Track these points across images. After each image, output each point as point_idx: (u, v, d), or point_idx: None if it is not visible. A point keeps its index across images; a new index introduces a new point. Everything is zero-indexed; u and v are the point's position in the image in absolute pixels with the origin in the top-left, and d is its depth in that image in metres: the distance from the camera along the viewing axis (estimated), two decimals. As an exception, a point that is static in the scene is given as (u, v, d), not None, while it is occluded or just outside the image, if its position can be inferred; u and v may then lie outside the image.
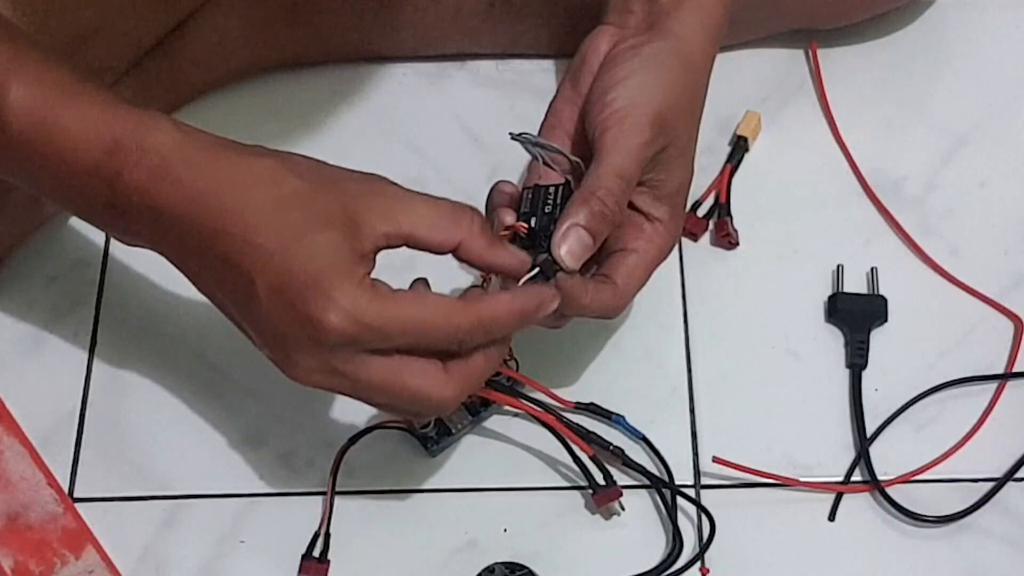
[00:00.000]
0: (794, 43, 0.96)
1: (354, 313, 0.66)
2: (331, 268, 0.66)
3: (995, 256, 0.88)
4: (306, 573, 0.78)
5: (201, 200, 0.66)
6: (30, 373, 0.85)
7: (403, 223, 0.68)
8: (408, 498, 0.81)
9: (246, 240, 0.66)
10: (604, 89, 0.75)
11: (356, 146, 0.92)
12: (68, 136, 0.67)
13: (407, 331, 0.67)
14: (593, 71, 0.77)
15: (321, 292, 0.65)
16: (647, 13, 0.77)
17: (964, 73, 0.96)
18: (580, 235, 0.72)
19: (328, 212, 0.67)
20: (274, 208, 0.66)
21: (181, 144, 0.67)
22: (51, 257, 0.89)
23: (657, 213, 0.76)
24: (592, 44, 0.78)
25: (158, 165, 0.66)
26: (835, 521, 0.80)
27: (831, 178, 0.92)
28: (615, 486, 0.79)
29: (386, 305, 0.66)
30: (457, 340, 0.68)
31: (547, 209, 0.73)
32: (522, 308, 0.70)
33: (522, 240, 0.73)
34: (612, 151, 0.73)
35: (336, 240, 0.66)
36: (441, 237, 0.69)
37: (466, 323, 0.68)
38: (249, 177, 0.67)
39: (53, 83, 0.68)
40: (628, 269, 0.76)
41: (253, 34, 0.91)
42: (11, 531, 0.79)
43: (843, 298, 0.86)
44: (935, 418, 0.83)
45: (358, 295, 0.66)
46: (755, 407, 0.83)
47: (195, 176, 0.67)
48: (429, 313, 0.67)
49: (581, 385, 0.83)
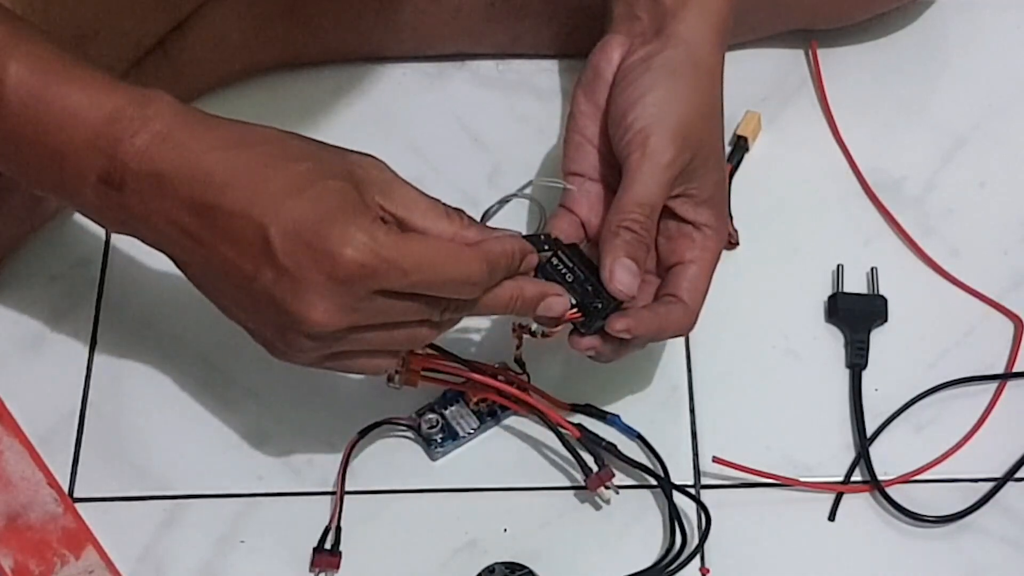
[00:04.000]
0: (794, 43, 0.96)
1: (372, 245, 0.66)
2: (346, 206, 0.66)
3: (995, 256, 0.88)
4: (319, 566, 0.78)
5: (207, 159, 0.67)
6: (30, 373, 0.85)
7: (398, 204, 0.69)
8: (408, 498, 0.81)
9: (256, 190, 0.66)
10: (623, 111, 0.76)
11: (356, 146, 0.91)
12: (67, 106, 0.67)
13: (422, 265, 0.67)
14: (608, 83, 0.78)
15: (338, 227, 0.66)
16: (653, 18, 0.77)
17: (964, 73, 0.96)
18: (625, 264, 0.74)
19: (334, 167, 0.68)
20: (283, 160, 0.67)
21: (184, 112, 0.67)
22: (51, 257, 0.89)
23: (702, 219, 0.77)
24: (603, 55, 0.79)
25: (160, 130, 0.66)
26: (835, 521, 0.80)
27: (831, 178, 0.92)
28: (607, 467, 0.79)
29: (402, 239, 0.67)
30: (468, 277, 0.69)
31: (569, 279, 0.75)
32: (513, 250, 0.71)
33: (581, 322, 0.74)
34: (636, 178, 0.74)
35: (347, 187, 0.67)
36: (435, 228, 0.70)
37: (474, 262, 0.69)
38: (254, 137, 0.68)
39: (53, 59, 0.68)
40: (690, 283, 0.77)
41: (253, 34, 0.91)
42: (11, 531, 0.79)
43: (843, 298, 0.86)
44: (935, 418, 0.83)
45: (375, 228, 0.66)
46: (755, 407, 0.83)
47: (200, 138, 0.67)
48: (440, 249, 0.68)
49: (581, 385, 0.83)
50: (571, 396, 0.82)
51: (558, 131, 0.93)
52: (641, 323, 0.75)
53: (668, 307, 0.76)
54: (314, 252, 0.66)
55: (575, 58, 0.95)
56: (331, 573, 0.78)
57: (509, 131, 0.93)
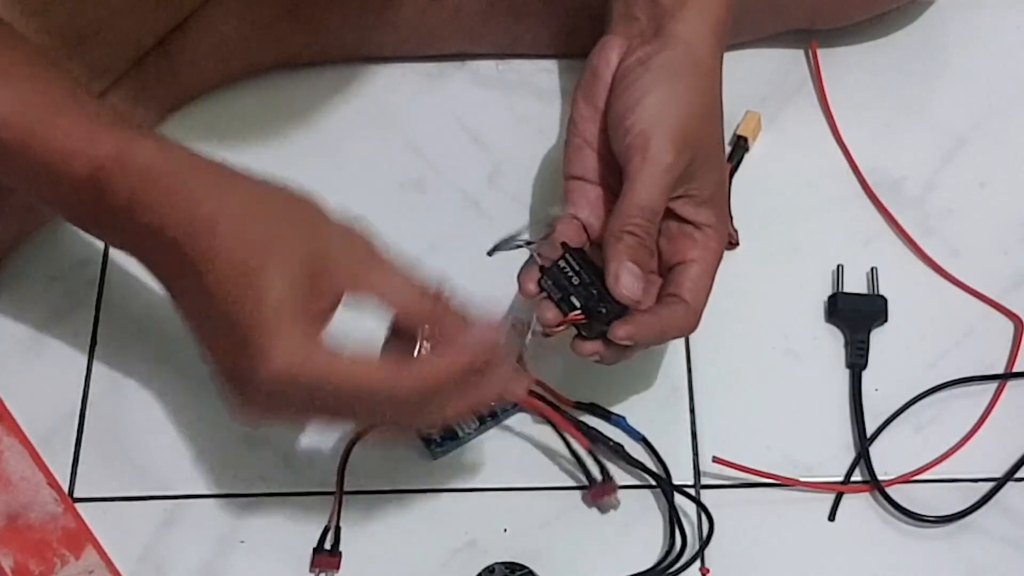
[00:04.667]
0: (794, 43, 0.96)
1: (291, 366, 0.65)
2: (276, 319, 0.65)
3: (995, 256, 0.88)
4: (319, 567, 0.78)
5: (173, 228, 0.67)
6: (30, 373, 0.85)
7: (368, 292, 0.68)
8: (408, 498, 0.81)
9: (203, 280, 0.66)
10: (622, 113, 0.76)
11: (356, 146, 0.92)
12: (52, 156, 0.67)
13: (342, 389, 0.66)
14: (606, 85, 0.78)
15: (263, 342, 0.65)
16: (651, 18, 0.77)
17: (964, 73, 0.96)
18: (629, 268, 0.74)
19: (290, 260, 0.66)
20: (237, 248, 0.66)
21: (161, 169, 0.67)
22: (51, 257, 0.89)
23: (703, 218, 0.77)
24: (602, 56, 0.78)
25: (137, 189, 0.67)
26: (835, 521, 0.80)
27: (831, 178, 0.92)
28: (610, 481, 0.79)
29: (325, 361, 0.66)
30: (396, 402, 0.68)
31: (575, 281, 0.75)
32: (464, 366, 0.68)
33: (583, 324, 0.74)
34: (637, 182, 0.74)
35: (288, 291, 0.66)
36: (402, 311, 0.69)
37: (405, 387, 0.67)
38: (221, 212, 0.67)
39: (40, 98, 0.68)
40: (693, 282, 0.77)
41: (253, 34, 0.91)
42: (11, 531, 0.79)
43: (843, 298, 0.86)
44: (935, 418, 0.83)
45: (298, 348, 0.65)
46: (755, 407, 0.83)
47: (171, 205, 0.67)
48: (369, 372, 0.67)
49: (582, 384, 0.83)
50: (572, 395, 0.82)
51: (558, 131, 0.93)
52: (643, 328, 0.75)
53: (671, 308, 0.76)
54: (240, 359, 0.66)
55: (575, 58, 0.94)
56: (331, 573, 0.78)
57: (509, 131, 0.93)
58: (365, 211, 0.88)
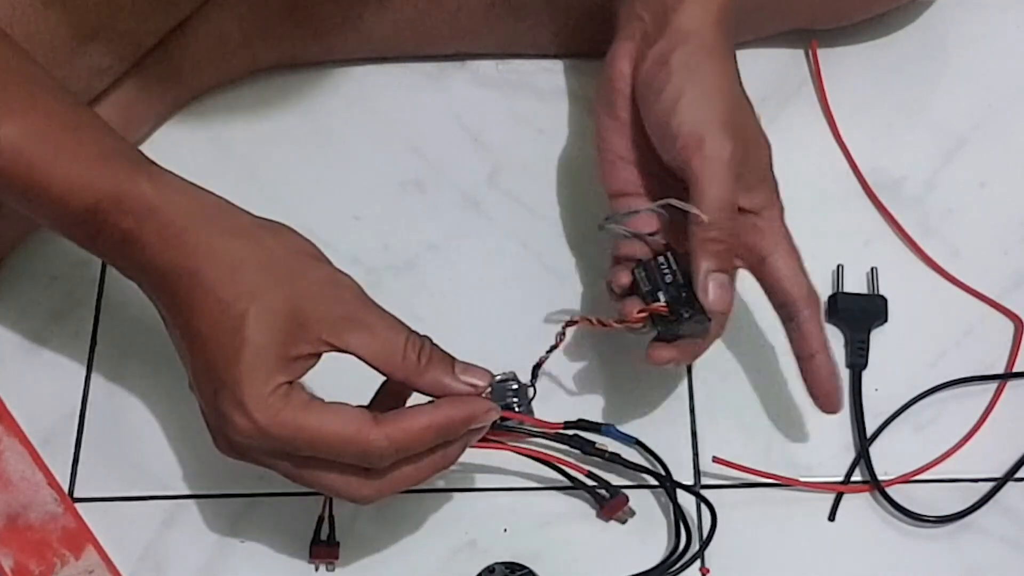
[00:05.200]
0: (794, 43, 0.96)
1: (259, 422, 0.66)
2: (249, 373, 0.66)
3: (995, 256, 0.88)
4: (318, 557, 0.78)
5: (163, 269, 0.68)
6: (30, 373, 0.85)
7: (349, 342, 0.68)
8: (408, 498, 0.80)
9: (189, 317, 0.67)
10: (663, 120, 0.75)
11: (356, 146, 0.92)
12: (52, 191, 0.69)
13: (313, 445, 0.67)
14: (626, 96, 0.77)
15: (234, 395, 0.66)
16: (654, 15, 0.77)
17: (964, 73, 0.95)
18: (718, 279, 0.73)
19: (271, 312, 0.67)
20: (220, 298, 0.67)
21: (154, 210, 0.68)
22: (51, 257, 0.89)
23: (757, 202, 0.76)
24: (614, 68, 0.78)
25: (131, 228, 0.68)
26: (835, 521, 0.80)
27: (831, 178, 0.92)
28: (619, 495, 0.79)
29: (295, 418, 0.66)
30: (366, 460, 0.68)
31: (668, 279, 0.74)
32: (443, 423, 0.69)
33: (664, 317, 0.73)
34: (705, 182, 0.73)
35: (265, 344, 0.66)
36: (385, 368, 0.69)
37: (376, 444, 0.67)
38: (208, 259, 0.67)
39: (40, 131, 0.69)
40: (784, 272, 0.76)
41: (253, 34, 0.91)
42: (11, 531, 0.79)
43: (843, 298, 0.86)
44: (935, 418, 0.83)
45: (267, 405, 0.66)
46: (755, 407, 0.83)
47: (162, 245, 0.68)
48: (338, 429, 0.67)
49: (582, 385, 0.83)
50: (571, 395, 0.82)
51: (558, 131, 0.92)
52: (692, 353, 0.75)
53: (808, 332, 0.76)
54: (214, 404, 0.67)
55: (575, 58, 0.95)
56: (331, 564, 0.78)
57: (509, 131, 0.93)
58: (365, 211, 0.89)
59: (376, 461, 0.68)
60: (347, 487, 0.69)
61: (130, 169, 0.69)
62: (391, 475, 0.69)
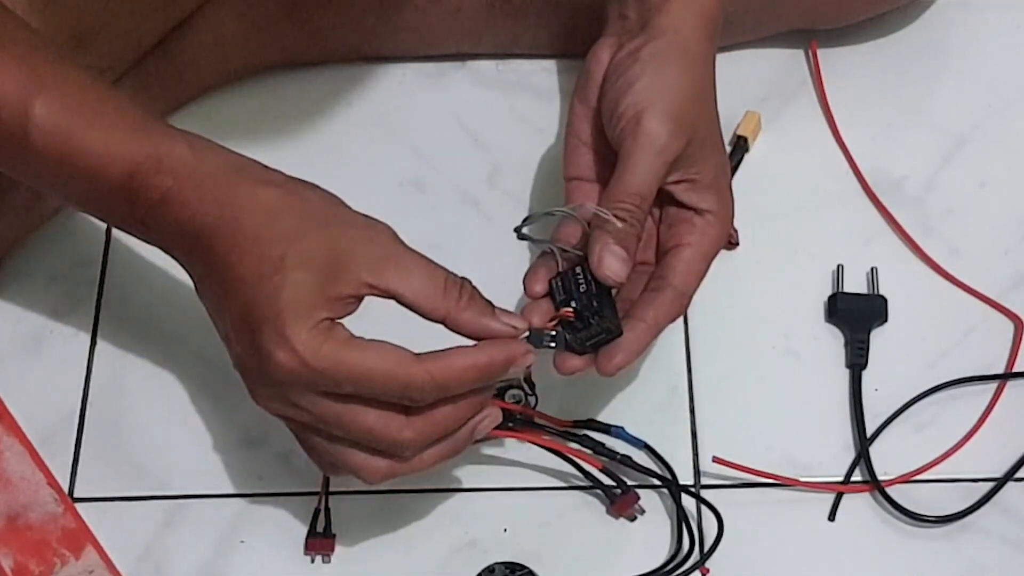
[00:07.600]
0: (794, 43, 0.96)
1: (302, 354, 0.66)
2: (291, 307, 0.66)
3: (995, 256, 0.88)
4: (312, 550, 0.78)
5: (202, 224, 0.68)
6: (30, 373, 0.85)
7: (390, 280, 0.68)
8: (408, 498, 0.80)
9: (228, 267, 0.67)
10: (614, 101, 0.75)
11: (356, 146, 0.93)
12: (90, 159, 0.68)
13: (355, 379, 0.67)
14: (598, 83, 0.78)
15: (276, 329, 0.66)
16: (639, 15, 0.77)
17: (964, 73, 0.96)
18: (613, 249, 0.72)
19: (311, 252, 0.67)
20: (260, 242, 0.67)
21: (193, 168, 0.68)
22: (51, 257, 0.89)
23: (704, 204, 0.76)
24: (594, 57, 0.79)
25: (170, 187, 0.68)
26: (835, 521, 0.80)
27: (831, 178, 0.92)
28: (631, 492, 0.79)
29: (337, 351, 0.66)
30: (407, 395, 0.68)
31: (582, 288, 0.73)
32: (486, 363, 0.69)
33: (572, 323, 0.73)
34: (628, 165, 0.73)
35: (306, 281, 0.67)
36: (427, 305, 0.69)
37: (417, 378, 0.67)
38: (247, 207, 0.68)
39: (75, 103, 0.69)
40: (684, 266, 0.75)
41: (253, 34, 0.91)
42: (11, 531, 0.79)
43: (843, 298, 0.86)
44: (935, 418, 0.83)
45: (310, 337, 0.66)
46: (755, 407, 0.83)
47: (200, 200, 0.68)
48: (379, 364, 0.67)
49: (582, 384, 0.83)
50: (573, 395, 0.82)
51: (558, 131, 0.93)
52: (631, 350, 0.73)
53: (656, 293, 0.74)
54: (254, 346, 0.67)
55: (575, 58, 0.94)
56: (327, 556, 0.78)
57: (509, 131, 0.93)
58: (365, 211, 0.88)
59: (417, 396, 0.68)
60: (387, 428, 0.69)
61: (167, 132, 0.69)
62: (431, 414, 0.69)
